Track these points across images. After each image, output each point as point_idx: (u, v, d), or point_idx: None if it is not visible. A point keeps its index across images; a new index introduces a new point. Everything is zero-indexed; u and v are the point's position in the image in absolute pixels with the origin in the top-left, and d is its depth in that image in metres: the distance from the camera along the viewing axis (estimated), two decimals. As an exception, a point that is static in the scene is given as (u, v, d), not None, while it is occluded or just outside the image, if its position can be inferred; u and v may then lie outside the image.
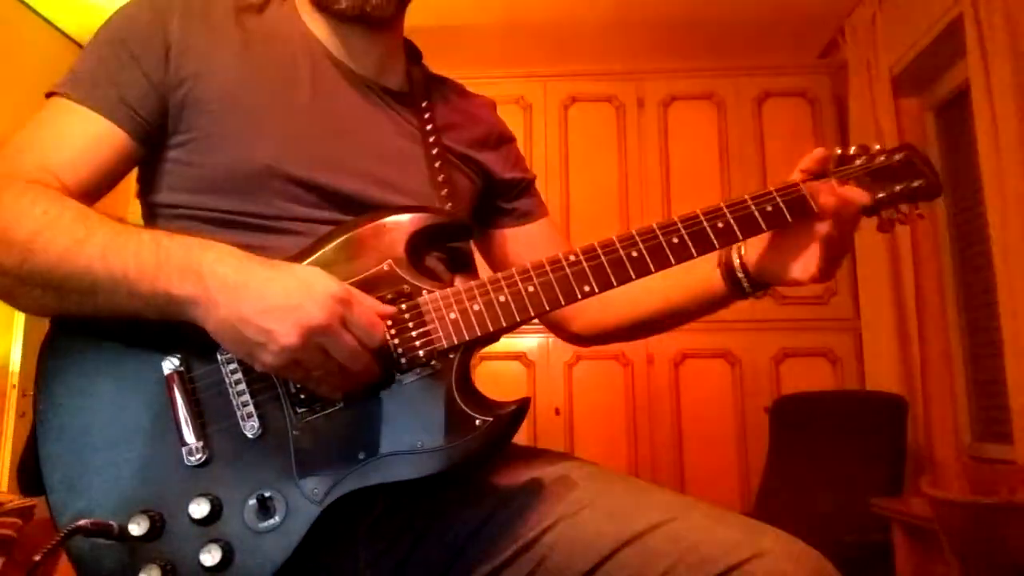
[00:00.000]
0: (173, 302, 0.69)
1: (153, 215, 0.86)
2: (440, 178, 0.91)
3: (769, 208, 0.84)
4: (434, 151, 0.92)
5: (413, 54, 1.02)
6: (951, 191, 2.70)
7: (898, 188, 0.90)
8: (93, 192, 0.80)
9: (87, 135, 0.81)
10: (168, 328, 0.72)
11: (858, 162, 0.91)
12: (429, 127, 0.94)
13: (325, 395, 0.73)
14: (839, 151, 0.93)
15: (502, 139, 1.06)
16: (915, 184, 0.90)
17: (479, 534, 0.80)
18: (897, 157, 0.91)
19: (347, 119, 0.90)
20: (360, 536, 0.79)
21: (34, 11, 2.92)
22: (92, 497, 0.71)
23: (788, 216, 0.84)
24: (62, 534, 0.68)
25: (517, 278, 0.79)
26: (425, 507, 0.82)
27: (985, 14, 2.15)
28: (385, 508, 0.80)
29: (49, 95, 0.83)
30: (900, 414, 2.29)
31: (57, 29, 3.04)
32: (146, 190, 0.87)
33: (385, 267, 0.78)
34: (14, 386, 2.74)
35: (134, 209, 0.89)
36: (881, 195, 0.89)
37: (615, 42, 3.17)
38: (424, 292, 0.77)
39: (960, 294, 2.67)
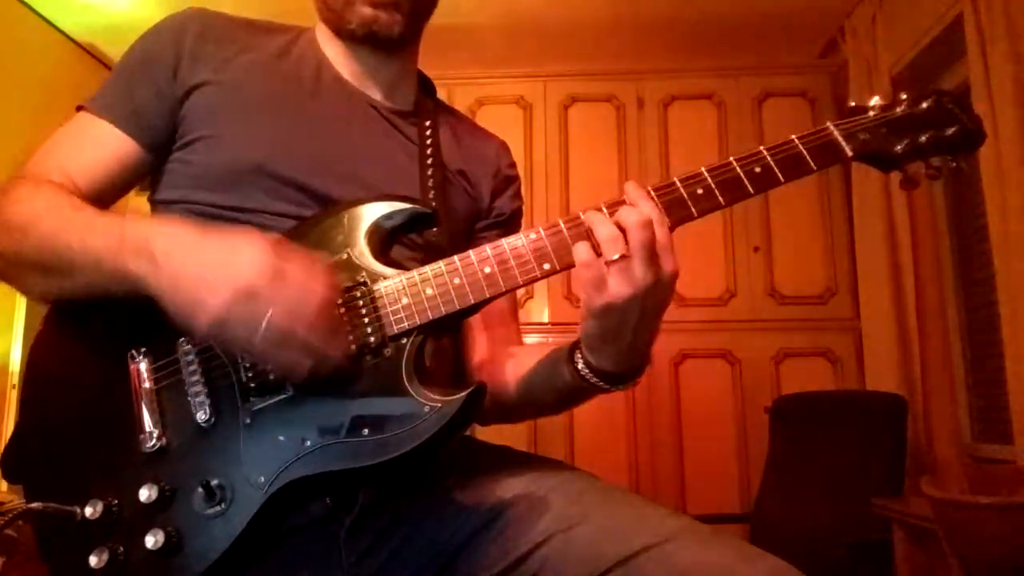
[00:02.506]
0: (131, 277, 0.73)
1: (154, 210, 0.92)
2: (430, 184, 0.92)
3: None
4: (428, 161, 0.94)
5: (426, 86, 1.06)
6: (951, 191, 2.71)
7: (924, 138, 0.80)
8: (104, 195, 0.88)
9: (101, 144, 0.88)
10: (136, 323, 0.76)
11: (872, 113, 0.82)
12: (428, 142, 0.96)
13: (286, 369, 0.72)
14: (852, 103, 0.84)
15: (500, 173, 1.06)
16: (948, 132, 0.80)
17: (470, 545, 0.79)
18: (924, 104, 0.82)
19: (342, 128, 0.93)
20: (341, 535, 0.80)
21: (34, 11, 2.92)
22: (55, 482, 0.76)
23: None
24: (12, 514, 0.71)
25: (473, 259, 0.78)
26: (413, 510, 0.82)
27: (985, 14, 2.14)
28: (366, 507, 0.81)
29: (78, 109, 0.92)
30: (900, 414, 2.29)
31: (57, 29, 3.03)
32: (152, 189, 0.93)
33: (344, 256, 0.79)
34: (14, 386, 2.74)
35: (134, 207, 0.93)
36: (900, 148, 0.81)
37: (615, 42, 3.17)
38: (381, 279, 0.78)
39: (960, 294, 2.67)
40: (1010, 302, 2.05)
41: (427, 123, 0.98)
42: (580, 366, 0.81)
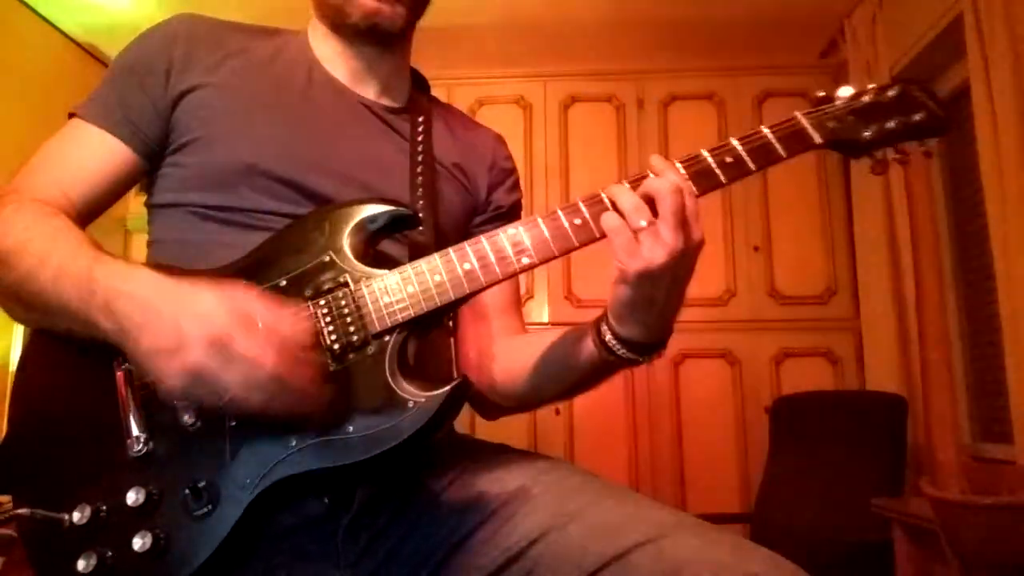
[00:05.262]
0: (102, 334, 0.73)
1: (150, 214, 0.93)
2: (419, 182, 0.93)
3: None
4: (419, 158, 0.94)
5: (420, 83, 1.06)
6: (951, 191, 2.71)
7: (891, 124, 0.83)
8: (98, 204, 0.89)
9: (94, 150, 0.89)
10: None
11: (839, 102, 0.85)
12: (420, 138, 0.96)
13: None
14: (821, 93, 0.86)
15: (495, 166, 1.06)
16: (915, 118, 0.83)
17: (466, 543, 0.79)
18: (891, 92, 0.85)
19: (333, 127, 0.93)
20: (339, 535, 0.80)
21: (34, 11, 2.92)
22: (43, 487, 0.76)
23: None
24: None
25: (453, 256, 0.79)
26: (410, 509, 0.82)
27: (985, 14, 2.14)
28: (364, 505, 0.81)
29: (70, 116, 0.91)
30: (900, 414, 2.29)
31: (57, 29, 3.03)
32: (148, 194, 0.94)
33: (327, 258, 0.80)
34: (14, 386, 2.74)
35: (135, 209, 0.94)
36: (868, 134, 0.83)
37: (615, 42, 3.17)
38: (363, 279, 0.78)
39: (960, 294, 2.67)
40: (1010, 302, 2.05)
41: (419, 118, 0.98)
42: (608, 338, 0.82)
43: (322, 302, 0.78)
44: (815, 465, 2.40)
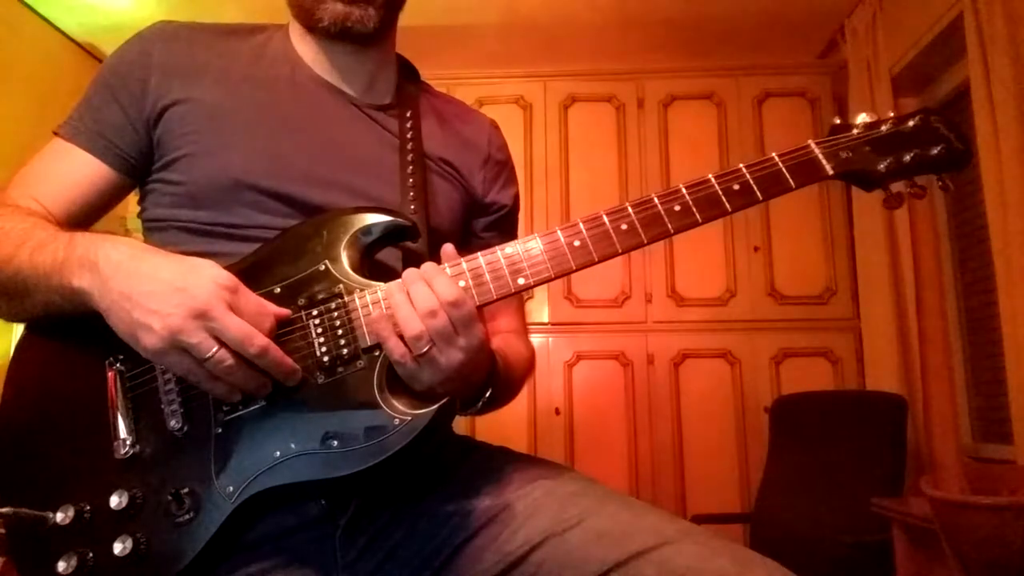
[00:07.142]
0: (75, 292, 0.74)
1: (146, 229, 0.93)
2: (410, 183, 0.91)
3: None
4: (409, 157, 0.93)
5: (408, 72, 1.04)
6: (951, 191, 2.70)
7: (908, 157, 0.80)
8: (79, 218, 0.89)
9: (70, 167, 0.89)
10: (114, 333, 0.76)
11: (856, 131, 0.82)
12: (409, 134, 0.94)
13: (224, 396, 0.74)
14: (837, 120, 0.84)
15: (490, 159, 1.05)
16: (933, 151, 0.80)
17: (466, 547, 0.79)
18: (911, 123, 0.82)
19: (321, 131, 0.92)
20: (337, 536, 0.80)
21: (34, 11, 2.92)
22: (27, 487, 0.76)
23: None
24: None
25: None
26: (409, 511, 0.82)
27: (985, 14, 2.15)
28: (361, 507, 0.80)
29: (55, 134, 0.92)
30: (900, 414, 2.29)
31: (57, 29, 3.03)
32: (142, 209, 0.93)
33: (322, 267, 0.79)
34: (14, 386, 2.74)
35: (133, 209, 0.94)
36: (883, 166, 0.80)
37: (615, 42, 3.17)
38: (356, 291, 0.78)
39: (960, 294, 2.67)
40: (1010, 302, 2.05)
41: (408, 114, 0.97)
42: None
43: (315, 312, 0.77)
44: (815, 465, 2.40)
